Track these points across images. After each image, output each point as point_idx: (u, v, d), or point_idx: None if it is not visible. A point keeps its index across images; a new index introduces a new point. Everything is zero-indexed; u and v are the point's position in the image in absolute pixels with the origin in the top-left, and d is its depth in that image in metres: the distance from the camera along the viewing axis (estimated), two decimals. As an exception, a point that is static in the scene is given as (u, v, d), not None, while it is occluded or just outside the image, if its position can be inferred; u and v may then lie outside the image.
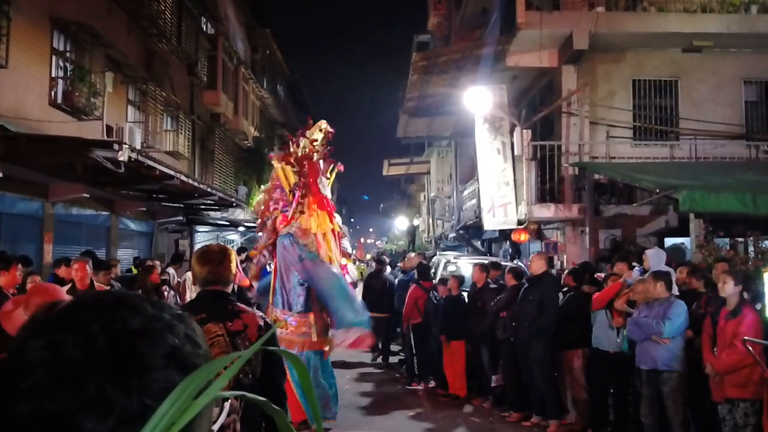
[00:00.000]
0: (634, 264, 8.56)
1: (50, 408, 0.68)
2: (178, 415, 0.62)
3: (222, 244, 3.84)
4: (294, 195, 7.99)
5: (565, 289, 8.85)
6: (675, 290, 7.29)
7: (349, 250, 10.70)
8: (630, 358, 7.41)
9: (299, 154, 7.74)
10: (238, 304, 3.26)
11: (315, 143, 7.76)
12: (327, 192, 10.12)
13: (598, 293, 8.08)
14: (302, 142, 7.79)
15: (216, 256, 3.29)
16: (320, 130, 7.85)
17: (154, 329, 0.77)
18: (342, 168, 10.22)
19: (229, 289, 3.32)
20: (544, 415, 8.39)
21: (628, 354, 7.48)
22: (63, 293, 4.80)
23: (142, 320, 0.77)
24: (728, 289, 6.38)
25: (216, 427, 2.87)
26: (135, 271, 11.88)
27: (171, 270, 12.52)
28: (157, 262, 12.84)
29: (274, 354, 3.05)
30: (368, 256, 27.38)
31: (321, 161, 7.94)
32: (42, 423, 0.68)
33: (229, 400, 2.91)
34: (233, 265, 3.34)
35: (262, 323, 3.19)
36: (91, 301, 0.80)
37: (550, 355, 8.36)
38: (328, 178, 8.41)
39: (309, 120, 8.15)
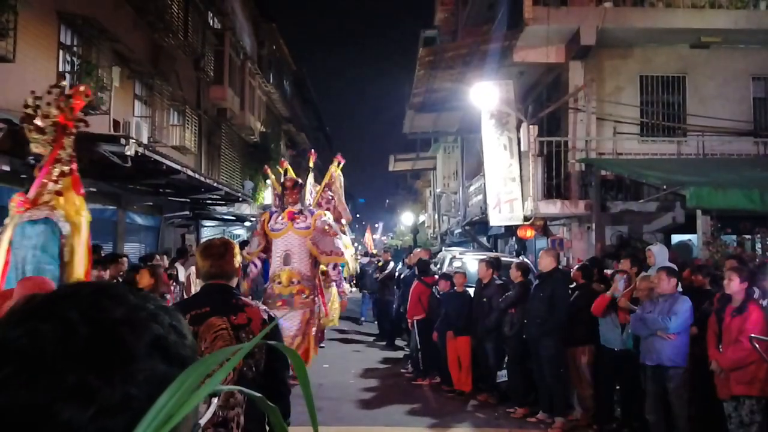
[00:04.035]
0: (617, 271, 8.44)
1: (27, 399, 0.67)
2: (177, 407, 0.62)
3: (225, 237, 3.82)
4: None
5: (573, 285, 8.83)
6: (678, 287, 7.28)
7: (342, 246, 10.67)
8: (636, 356, 7.41)
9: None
10: (242, 297, 3.26)
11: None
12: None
13: (594, 304, 8.01)
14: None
15: (218, 250, 3.30)
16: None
17: (137, 318, 0.75)
18: (342, 160, 10.37)
19: (233, 283, 3.32)
20: (551, 411, 8.39)
21: (634, 351, 7.47)
22: (53, 285, 4.76)
23: (125, 309, 0.75)
24: (733, 285, 6.37)
25: (203, 421, 2.86)
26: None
27: (178, 265, 12.57)
28: (164, 257, 12.89)
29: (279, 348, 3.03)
30: (374, 251, 27.40)
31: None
32: (19, 413, 0.66)
33: (220, 396, 2.91)
34: (236, 258, 3.33)
35: (266, 317, 3.18)
36: (70, 290, 0.78)
37: (561, 352, 8.35)
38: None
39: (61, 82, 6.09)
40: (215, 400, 2.84)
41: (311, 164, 10.71)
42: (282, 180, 10.13)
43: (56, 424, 0.66)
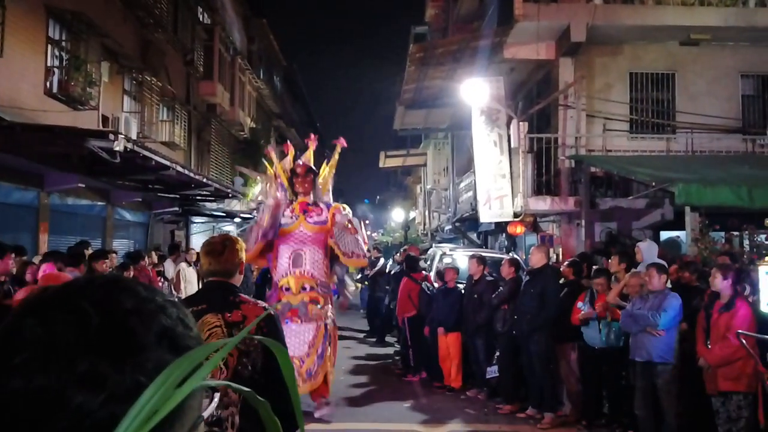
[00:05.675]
0: (599, 270, 8.49)
1: (41, 383, 0.69)
2: (161, 403, 0.62)
3: (227, 234, 3.79)
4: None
5: (562, 281, 8.86)
6: (668, 283, 7.32)
7: (364, 247, 8.38)
8: (615, 352, 7.55)
9: None
10: (242, 295, 3.21)
11: None
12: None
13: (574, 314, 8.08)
14: None
15: (217, 248, 3.27)
16: None
17: (146, 309, 0.78)
18: (344, 143, 8.64)
19: (235, 280, 3.27)
20: (540, 407, 8.42)
21: (612, 349, 7.59)
22: (69, 277, 4.77)
23: (135, 301, 0.78)
24: (717, 282, 6.42)
25: (206, 414, 2.80)
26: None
27: (168, 262, 12.56)
28: (153, 254, 12.85)
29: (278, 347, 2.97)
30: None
31: None
32: (33, 398, 0.69)
33: (220, 392, 2.86)
34: (238, 255, 3.29)
35: (263, 315, 3.10)
36: (84, 282, 0.81)
37: (551, 348, 8.38)
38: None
39: None
40: (217, 395, 2.80)
41: (311, 151, 8.70)
42: (292, 166, 8.41)
43: (69, 408, 0.69)
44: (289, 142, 9.20)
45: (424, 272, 11.94)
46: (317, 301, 7.80)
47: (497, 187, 13.14)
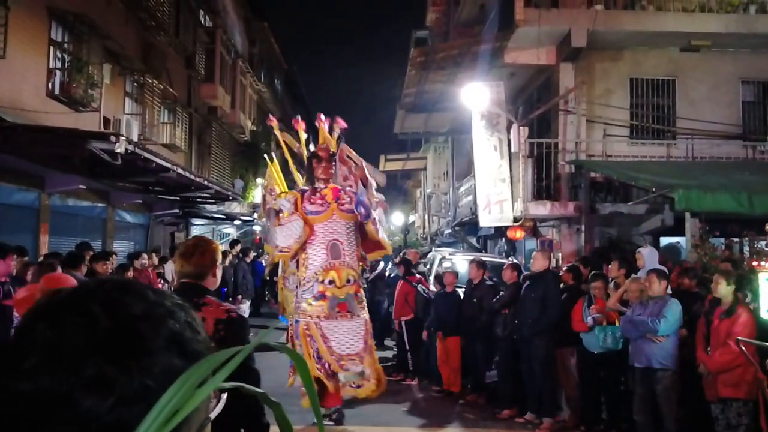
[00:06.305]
0: (595, 274, 8.51)
1: (51, 386, 0.70)
2: (182, 403, 0.63)
3: (202, 236, 3.81)
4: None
5: (561, 286, 8.86)
6: (668, 289, 7.33)
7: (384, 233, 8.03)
8: (613, 357, 7.53)
9: None
10: (208, 297, 3.20)
11: None
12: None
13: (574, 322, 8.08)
14: None
15: (188, 250, 3.34)
16: None
17: (156, 314, 0.79)
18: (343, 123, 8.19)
19: (208, 282, 3.29)
20: (539, 412, 8.41)
21: (610, 353, 7.57)
22: (74, 281, 4.79)
23: (145, 305, 0.79)
24: (720, 289, 6.42)
25: (213, 415, 2.80)
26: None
27: (170, 264, 12.58)
28: (153, 255, 12.87)
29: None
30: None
31: None
32: (42, 401, 0.69)
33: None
34: (210, 257, 3.31)
35: (225, 317, 3.08)
36: (94, 286, 0.82)
37: (551, 352, 8.37)
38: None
39: None
40: (224, 396, 2.80)
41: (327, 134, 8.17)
42: (313, 149, 7.95)
43: (78, 412, 0.69)
44: (299, 117, 8.57)
45: (418, 275, 11.93)
46: (359, 292, 7.48)
47: (497, 191, 13.13)
